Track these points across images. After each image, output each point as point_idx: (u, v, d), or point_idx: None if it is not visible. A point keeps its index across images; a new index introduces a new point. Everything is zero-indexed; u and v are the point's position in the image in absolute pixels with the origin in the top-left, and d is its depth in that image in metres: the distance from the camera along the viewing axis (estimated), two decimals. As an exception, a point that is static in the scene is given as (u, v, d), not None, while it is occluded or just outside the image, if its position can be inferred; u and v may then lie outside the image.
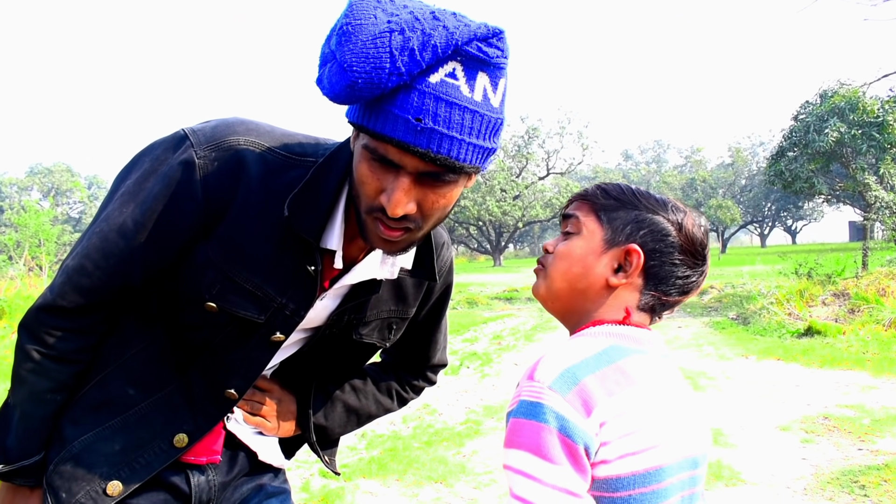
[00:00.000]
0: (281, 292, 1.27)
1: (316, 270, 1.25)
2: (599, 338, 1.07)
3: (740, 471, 4.42)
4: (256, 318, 1.28)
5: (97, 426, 1.29)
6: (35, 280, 17.61)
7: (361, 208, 1.15)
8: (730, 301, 14.67)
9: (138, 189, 1.22)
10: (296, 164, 1.25)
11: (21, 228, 23.38)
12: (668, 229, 1.11)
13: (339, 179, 1.23)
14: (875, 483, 4.07)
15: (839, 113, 14.99)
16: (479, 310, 17.11)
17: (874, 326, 9.60)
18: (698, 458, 1.10)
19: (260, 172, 1.22)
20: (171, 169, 1.20)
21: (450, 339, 11.27)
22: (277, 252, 1.25)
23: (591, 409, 0.96)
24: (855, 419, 5.48)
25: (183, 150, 1.21)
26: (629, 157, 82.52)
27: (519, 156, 46.24)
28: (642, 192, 1.16)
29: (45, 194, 64.42)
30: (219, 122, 1.25)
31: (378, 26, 0.98)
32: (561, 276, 1.14)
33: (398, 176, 1.07)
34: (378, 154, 1.06)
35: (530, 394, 0.97)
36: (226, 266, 1.24)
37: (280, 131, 1.28)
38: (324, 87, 1.04)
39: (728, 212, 43.14)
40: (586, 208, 1.16)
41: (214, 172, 1.20)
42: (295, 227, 1.21)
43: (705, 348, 9.61)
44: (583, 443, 0.95)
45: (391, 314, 1.46)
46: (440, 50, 0.99)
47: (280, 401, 1.49)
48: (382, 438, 5.42)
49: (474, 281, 23.97)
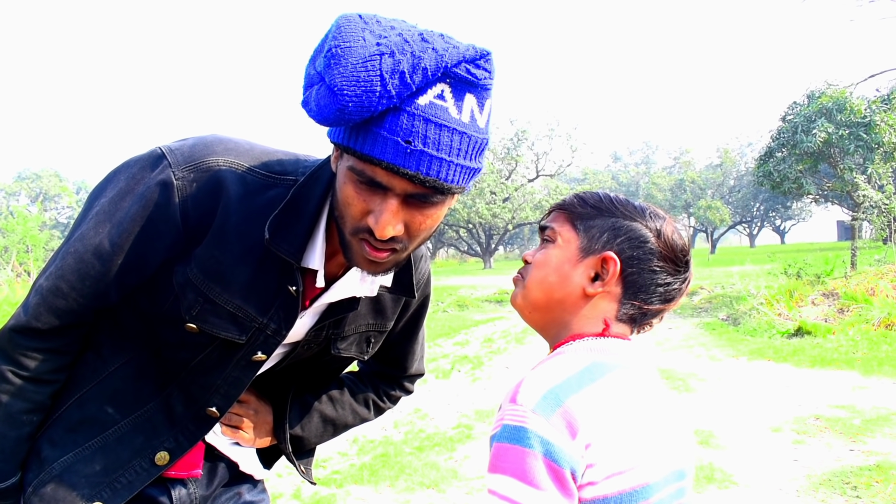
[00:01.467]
0: (262, 313, 1.26)
1: (298, 291, 1.24)
2: (580, 354, 1.05)
3: (732, 473, 4.42)
4: (237, 338, 1.26)
5: (77, 446, 1.27)
6: (23, 286, 17.51)
7: (347, 229, 1.13)
8: (720, 302, 14.71)
9: (114, 209, 1.20)
10: (276, 183, 1.23)
11: (9, 234, 23.28)
12: (646, 236, 1.09)
13: (320, 199, 1.22)
14: (867, 484, 4.08)
15: (826, 113, 15.07)
16: (469, 312, 17.09)
17: (863, 326, 9.64)
18: (684, 470, 1.09)
19: (239, 193, 1.20)
20: (149, 189, 1.18)
21: (440, 342, 11.26)
22: (258, 273, 1.24)
23: (577, 432, 0.94)
24: (846, 419, 5.49)
25: (160, 170, 1.18)
26: (618, 158, 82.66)
27: (508, 158, 46.26)
28: (620, 199, 1.14)
29: (33, 199, 64.11)
30: (196, 140, 1.23)
31: (367, 49, 0.97)
32: (537, 286, 1.13)
33: (386, 198, 1.06)
34: (366, 176, 1.05)
35: (513, 418, 0.95)
36: (206, 288, 1.22)
37: (259, 149, 1.27)
38: (311, 110, 1.02)
39: (717, 212, 43.32)
40: (562, 218, 1.15)
41: (193, 194, 1.18)
42: (276, 248, 1.19)
43: (696, 349, 9.62)
44: (569, 466, 0.93)
45: (369, 328, 1.45)
46: (430, 72, 0.99)
47: (256, 412, 1.48)
48: (374, 444, 5.39)
49: (465, 284, 23.94)
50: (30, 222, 23.32)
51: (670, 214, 1.16)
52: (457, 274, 33.54)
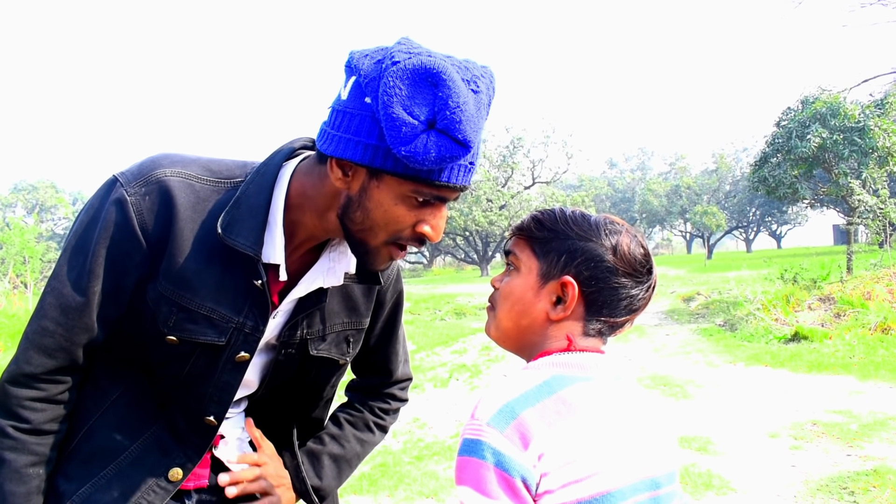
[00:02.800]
0: (236, 311, 1.29)
1: (263, 283, 1.27)
2: (542, 369, 1.09)
3: (730, 479, 4.43)
4: (218, 340, 1.29)
5: (92, 477, 1.29)
6: (20, 298, 17.48)
7: (381, 239, 1.22)
8: (717, 307, 14.74)
9: (81, 241, 1.24)
10: (224, 186, 1.29)
11: (5, 246, 23.24)
12: (602, 254, 1.11)
13: (269, 192, 1.27)
14: (864, 489, 4.10)
15: (821, 119, 15.08)
16: (467, 320, 17.10)
17: (860, 330, 9.67)
18: (659, 479, 1.10)
19: (190, 200, 1.25)
20: (106, 212, 1.23)
21: (438, 350, 11.26)
22: (223, 273, 1.27)
23: (529, 442, 0.98)
24: (843, 425, 5.51)
25: (114, 192, 1.24)
26: (614, 164, 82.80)
27: (504, 165, 46.35)
28: (577, 218, 1.15)
29: (29, 211, 64.06)
30: (145, 159, 1.29)
31: (471, 98, 1.10)
32: (506, 316, 1.17)
33: (439, 209, 1.21)
34: (433, 197, 1.17)
35: (471, 432, 1.00)
36: (177, 297, 1.26)
37: (205, 159, 1.32)
38: (420, 158, 1.09)
39: (713, 218, 43.43)
40: (522, 243, 1.18)
41: (148, 207, 1.23)
42: (232, 243, 1.23)
43: (693, 356, 9.64)
44: (519, 476, 0.97)
45: (346, 326, 1.48)
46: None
47: (275, 474, 1.49)
48: (372, 454, 5.39)
49: (462, 291, 23.94)
50: (27, 234, 23.28)
51: (628, 224, 1.18)
52: (454, 282, 33.54)
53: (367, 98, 1.12)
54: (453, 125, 1.07)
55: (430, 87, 1.07)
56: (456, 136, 1.08)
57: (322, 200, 1.26)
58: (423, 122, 1.08)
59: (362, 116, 1.13)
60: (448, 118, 1.07)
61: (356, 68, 1.15)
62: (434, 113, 1.08)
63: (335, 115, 1.19)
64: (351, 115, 1.15)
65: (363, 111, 1.13)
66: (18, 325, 13.09)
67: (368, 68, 1.12)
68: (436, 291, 24.97)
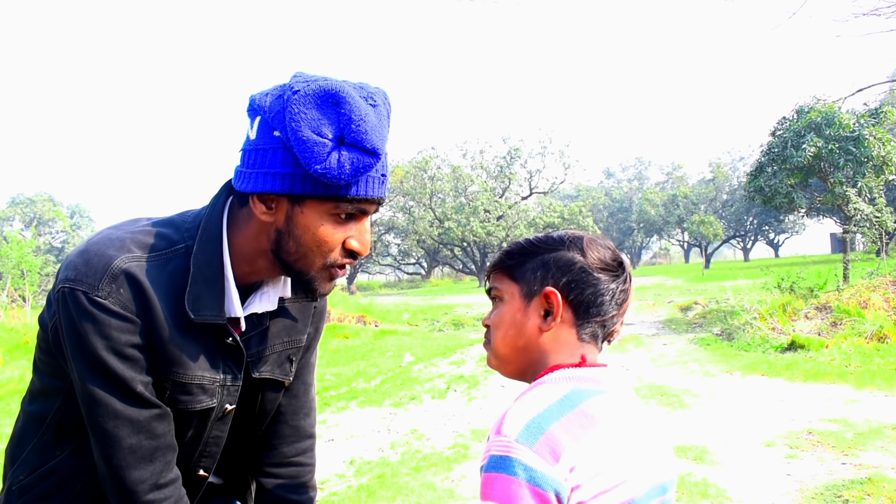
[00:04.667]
0: (217, 371, 1.35)
1: (234, 340, 1.34)
2: (560, 384, 1.12)
3: (726, 488, 4.45)
4: (210, 403, 1.36)
5: None
6: (18, 312, 17.47)
7: (318, 265, 1.29)
8: (714, 317, 14.76)
9: (91, 361, 1.23)
10: (169, 257, 1.30)
11: (3, 259, 23.20)
12: (572, 258, 1.17)
13: (220, 260, 1.31)
14: (858, 497, 4.12)
15: (816, 128, 15.14)
16: (465, 331, 17.08)
17: (856, 339, 9.69)
18: (666, 484, 1.15)
19: (150, 283, 1.26)
20: (91, 320, 1.21)
21: (436, 361, 11.26)
22: (197, 342, 1.31)
23: (559, 456, 1.00)
24: (838, 433, 5.54)
25: (86, 302, 1.21)
26: (611, 174, 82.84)
27: (501, 176, 46.45)
28: (540, 237, 1.22)
29: (27, 224, 63.90)
30: (83, 255, 1.26)
31: (371, 111, 1.19)
32: (501, 343, 1.21)
33: (361, 222, 1.30)
34: (357, 210, 1.25)
35: (499, 448, 1.02)
36: (170, 374, 1.30)
37: (138, 232, 1.32)
38: (334, 174, 1.17)
39: (710, 227, 43.51)
40: (500, 275, 1.24)
41: (126, 298, 1.23)
42: (201, 319, 1.27)
43: (690, 365, 9.66)
44: (552, 490, 0.99)
45: (286, 346, 1.51)
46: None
47: None
48: (371, 465, 5.41)
49: (460, 302, 23.96)
50: (24, 247, 23.25)
51: (591, 233, 1.24)
52: (452, 293, 33.55)
53: (276, 132, 1.20)
54: (360, 137, 1.16)
55: (332, 107, 1.16)
56: (365, 147, 1.17)
57: (255, 243, 1.32)
58: (333, 140, 1.16)
59: (274, 150, 1.20)
60: (354, 131, 1.15)
61: (259, 107, 1.22)
62: (341, 129, 1.16)
63: (247, 156, 1.25)
64: (263, 150, 1.22)
65: (273, 144, 1.20)
66: (17, 338, 13.08)
67: (271, 104, 1.20)
68: (433, 302, 24.98)
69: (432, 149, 47.28)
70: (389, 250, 56.67)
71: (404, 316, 18.99)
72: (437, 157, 46.86)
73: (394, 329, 16.14)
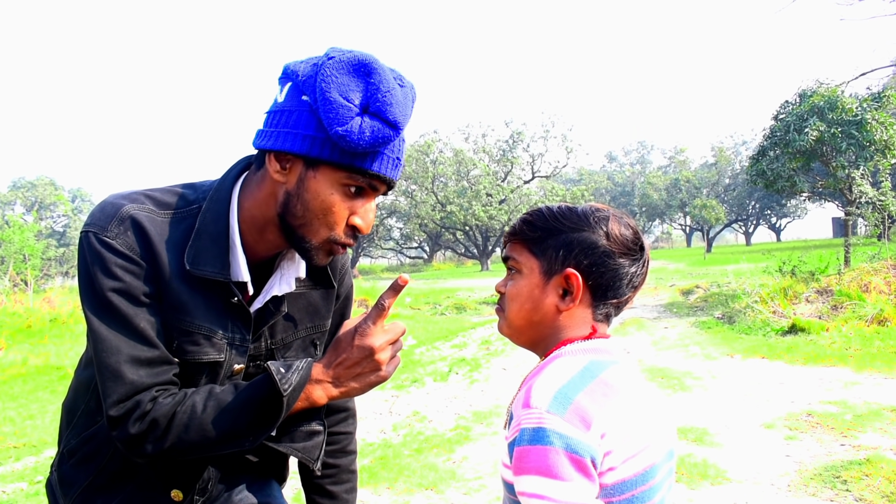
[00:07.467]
0: (225, 327, 1.36)
1: (239, 300, 1.35)
2: (578, 356, 1.14)
3: (726, 469, 4.49)
4: (218, 357, 1.36)
5: (119, 494, 1.40)
6: (20, 296, 17.48)
7: (320, 236, 1.31)
8: (715, 300, 14.78)
9: (98, 300, 1.26)
10: (183, 216, 1.34)
11: (5, 244, 23.24)
12: (596, 241, 1.17)
13: (226, 220, 1.34)
14: (857, 478, 4.15)
15: (818, 112, 15.09)
16: (467, 315, 17.15)
17: (857, 322, 9.72)
18: (673, 450, 1.19)
19: (157, 233, 1.30)
20: (99, 260, 1.26)
21: (438, 345, 11.30)
22: (205, 296, 1.33)
23: (590, 424, 1.03)
24: (837, 415, 5.56)
25: (95, 242, 1.26)
26: (613, 158, 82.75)
27: (504, 160, 46.37)
28: (564, 211, 1.21)
29: (28, 209, 63.97)
30: (101, 204, 1.32)
31: (398, 87, 1.22)
32: (517, 315, 1.22)
33: (370, 199, 1.32)
34: (367, 185, 1.27)
35: (530, 421, 1.03)
36: (177, 321, 1.31)
37: (154, 192, 1.36)
38: (355, 139, 1.19)
39: (712, 211, 43.39)
40: (518, 246, 1.23)
41: (131, 240, 1.27)
42: (201, 274, 1.30)
43: (691, 348, 9.69)
44: (589, 455, 1.01)
45: (310, 331, 1.54)
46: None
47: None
48: (373, 447, 5.45)
49: (462, 286, 24.00)
50: (26, 232, 23.29)
51: (611, 207, 1.24)
52: (454, 276, 33.58)
53: (305, 96, 1.23)
54: (385, 108, 1.19)
55: (363, 76, 1.19)
56: (387, 118, 1.20)
57: (265, 208, 1.33)
58: (359, 107, 1.19)
59: (300, 112, 1.23)
60: (381, 101, 1.19)
61: (293, 73, 1.25)
62: (367, 99, 1.19)
63: (271, 117, 1.28)
64: (288, 112, 1.24)
65: (300, 107, 1.23)
66: (19, 323, 13.08)
67: (305, 70, 1.23)
68: (436, 286, 25.02)
69: (435, 132, 47.24)
70: (392, 234, 56.75)
71: (407, 300, 19.02)
72: (440, 140, 46.82)
73: (396, 313, 16.15)
